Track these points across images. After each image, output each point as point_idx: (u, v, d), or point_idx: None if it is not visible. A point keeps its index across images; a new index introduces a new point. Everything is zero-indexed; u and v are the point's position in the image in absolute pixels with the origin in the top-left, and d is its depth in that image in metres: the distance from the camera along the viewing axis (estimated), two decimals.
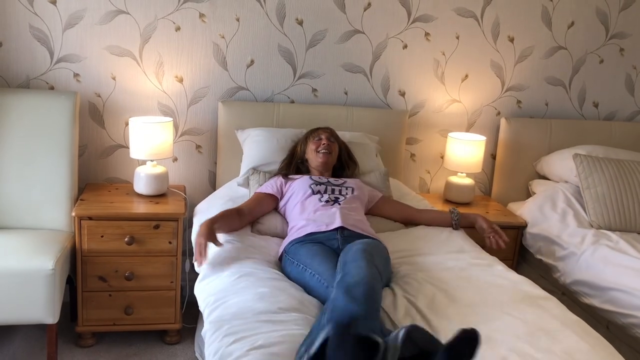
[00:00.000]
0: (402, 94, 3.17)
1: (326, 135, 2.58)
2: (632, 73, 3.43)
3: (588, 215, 2.86)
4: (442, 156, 3.29)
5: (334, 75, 3.07)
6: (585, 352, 1.61)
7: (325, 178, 2.51)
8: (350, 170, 2.64)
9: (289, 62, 3.00)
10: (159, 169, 2.74)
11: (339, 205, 2.34)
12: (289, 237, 2.25)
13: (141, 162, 2.86)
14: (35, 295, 2.25)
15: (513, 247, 3.00)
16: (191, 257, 2.46)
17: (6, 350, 2.57)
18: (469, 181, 3.14)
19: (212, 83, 2.95)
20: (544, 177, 3.27)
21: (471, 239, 2.49)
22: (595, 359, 1.59)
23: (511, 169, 3.27)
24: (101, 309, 2.59)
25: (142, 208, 2.59)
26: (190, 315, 2.84)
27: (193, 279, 2.34)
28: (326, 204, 2.33)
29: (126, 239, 2.52)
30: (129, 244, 2.52)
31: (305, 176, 2.52)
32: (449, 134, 3.15)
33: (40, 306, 2.27)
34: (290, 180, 2.50)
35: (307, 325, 1.66)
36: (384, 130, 3.04)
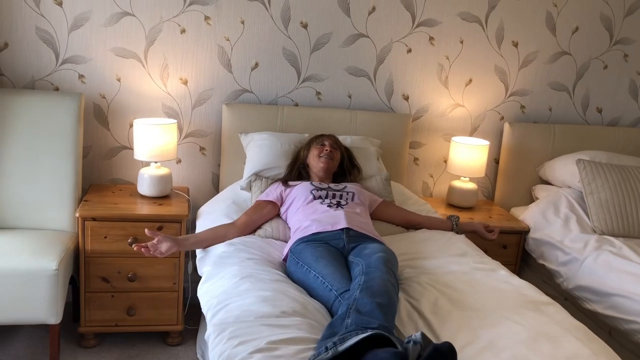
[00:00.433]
0: (405, 98, 3.18)
1: (329, 142, 2.60)
2: (636, 79, 3.43)
3: (591, 220, 2.86)
4: (446, 160, 3.30)
5: (338, 79, 3.07)
6: (587, 358, 1.61)
7: (325, 184, 2.52)
8: (352, 176, 2.66)
9: (293, 65, 3.01)
10: (163, 170, 2.75)
11: (342, 208, 2.35)
12: (294, 237, 2.26)
13: (145, 164, 2.87)
14: (38, 295, 2.26)
15: (515, 252, 3.00)
16: (194, 259, 2.47)
17: (9, 350, 2.58)
18: (472, 186, 3.14)
19: (217, 85, 2.96)
20: (547, 182, 3.27)
21: (473, 243, 2.49)
22: None
23: (514, 174, 3.27)
24: (104, 309, 2.59)
25: (145, 209, 2.59)
26: (192, 317, 2.84)
27: (195, 281, 2.35)
28: (329, 208, 2.34)
29: (129, 240, 2.52)
30: (131, 245, 2.52)
31: (306, 182, 2.53)
32: (453, 139, 3.16)
33: (43, 306, 2.28)
34: (291, 187, 2.51)
35: (310, 329, 1.66)
36: (388, 134, 3.04)
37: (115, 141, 2.94)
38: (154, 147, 2.66)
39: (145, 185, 2.72)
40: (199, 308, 2.08)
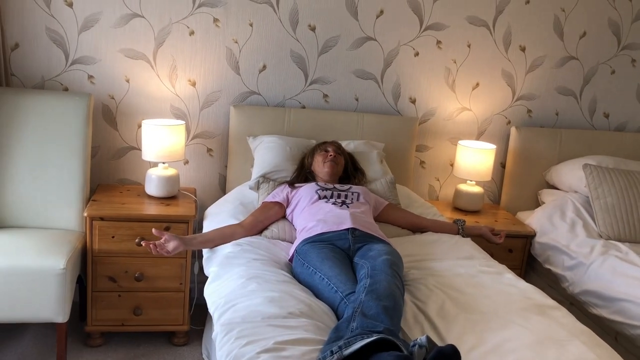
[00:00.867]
0: (412, 101, 3.19)
1: (333, 148, 2.63)
2: None
3: (597, 225, 2.85)
4: (452, 164, 3.30)
5: (345, 82, 3.08)
6: None
7: (331, 184, 2.53)
8: (357, 179, 2.68)
9: (300, 68, 3.02)
10: (170, 171, 2.77)
11: (348, 207, 2.36)
12: (300, 237, 2.27)
13: (153, 164, 2.89)
14: (46, 294, 2.28)
15: (521, 256, 3.00)
16: (200, 259, 2.48)
17: (16, 348, 2.60)
18: (478, 189, 3.14)
19: (225, 87, 2.98)
20: (554, 187, 3.27)
21: (479, 247, 2.49)
22: None
23: (521, 178, 3.27)
24: (110, 309, 2.61)
25: (153, 210, 2.61)
26: (198, 317, 2.86)
27: (201, 281, 2.36)
28: (334, 207, 2.35)
29: (136, 240, 2.54)
30: (139, 244, 2.54)
31: (312, 183, 2.54)
32: (459, 142, 3.16)
33: (50, 305, 2.29)
34: (297, 188, 2.53)
35: (317, 331, 1.67)
36: (394, 137, 3.05)
37: (124, 141, 2.95)
38: (161, 147, 2.67)
39: (152, 186, 2.73)
40: (205, 308, 2.09)
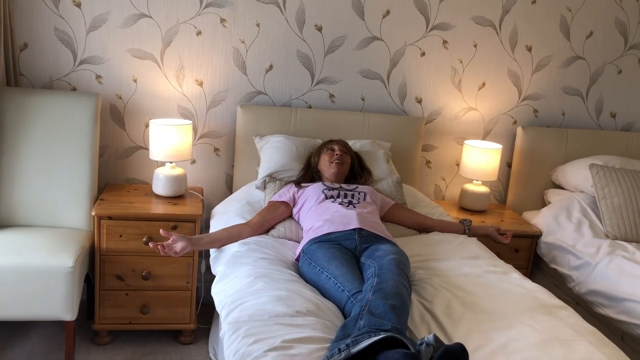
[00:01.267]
0: (419, 101, 3.19)
1: (339, 147, 2.63)
2: None
3: (604, 225, 2.85)
4: (458, 164, 3.30)
5: (351, 82, 3.09)
6: None
7: (337, 184, 2.54)
8: (363, 179, 2.68)
9: (307, 68, 3.03)
10: (178, 170, 2.78)
11: (355, 207, 2.36)
12: (306, 237, 2.27)
13: (160, 164, 2.90)
14: (54, 292, 2.29)
15: (527, 256, 3.00)
16: (207, 258, 2.49)
17: (24, 346, 2.62)
18: (485, 189, 3.14)
19: (232, 87, 2.99)
20: (560, 187, 3.26)
21: (485, 246, 2.50)
22: None
23: (527, 178, 3.27)
24: (118, 307, 2.62)
25: (160, 209, 2.62)
26: (205, 316, 2.87)
27: (208, 280, 2.38)
28: (340, 207, 2.36)
29: (144, 239, 2.55)
30: (146, 243, 2.55)
31: (318, 183, 2.55)
32: (465, 142, 3.16)
33: (59, 303, 2.31)
34: (303, 188, 2.54)
35: (324, 329, 1.67)
36: (400, 137, 3.06)
37: (131, 141, 2.97)
38: (169, 147, 2.68)
39: (160, 185, 2.75)
40: (212, 307, 2.10)
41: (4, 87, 2.62)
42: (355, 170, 2.69)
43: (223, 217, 2.57)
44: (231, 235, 2.33)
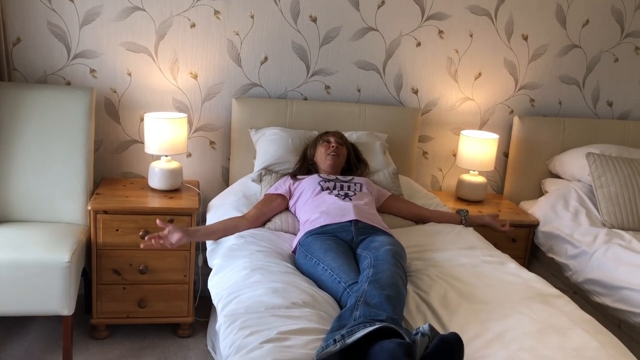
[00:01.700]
0: (415, 91, 3.18)
1: (335, 139, 2.62)
2: None
3: (600, 214, 2.85)
4: (455, 154, 3.30)
5: (347, 73, 3.08)
6: (595, 350, 1.62)
7: (333, 175, 2.54)
8: (360, 170, 2.68)
9: (302, 59, 3.02)
10: (173, 164, 2.77)
11: (351, 199, 2.36)
12: (303, 229, 2.27)
13: (156, 157, 2.90)
14: (51, 287, 2.29)
15: (525, 246, 3.00)
16: (204, 252, 2.49)
17: (22, 341, 2.62)
18: (481, 179, 3.14)
19: (226, 79, 2.98)
20: (557, 176, 3.26)
21: (482, 236, 2.50)
22: (606, 357, 1.60)
23: (524, 168, 3.27)
24: (115, 301, 2.62)
25: (156, 202, 2.62)
26: (203, 309, 2.87)
27: (206, 273, 2.37)
28: (337, 199, 2.36)
29: (140, 233, 2.55)
30: (143, 237, 2.55)
31: (314, 175, 2.55)
32: (462, 132, 3.16)
33: (56, 298, 2.31)
34: (299, 180, 2.53)
35: (320, 320, 1.68)
36: (397, 128, 3.05)
37: (126, 135, 2.96)
38: (164, 141, 2.68)
39: (156, 179, 2.74)
40: (209, 300, 2.10)
41: None
42: (351, 162, 2.69)
43: (219, 210, 2.56)
44: (228, 227, 2.33)
